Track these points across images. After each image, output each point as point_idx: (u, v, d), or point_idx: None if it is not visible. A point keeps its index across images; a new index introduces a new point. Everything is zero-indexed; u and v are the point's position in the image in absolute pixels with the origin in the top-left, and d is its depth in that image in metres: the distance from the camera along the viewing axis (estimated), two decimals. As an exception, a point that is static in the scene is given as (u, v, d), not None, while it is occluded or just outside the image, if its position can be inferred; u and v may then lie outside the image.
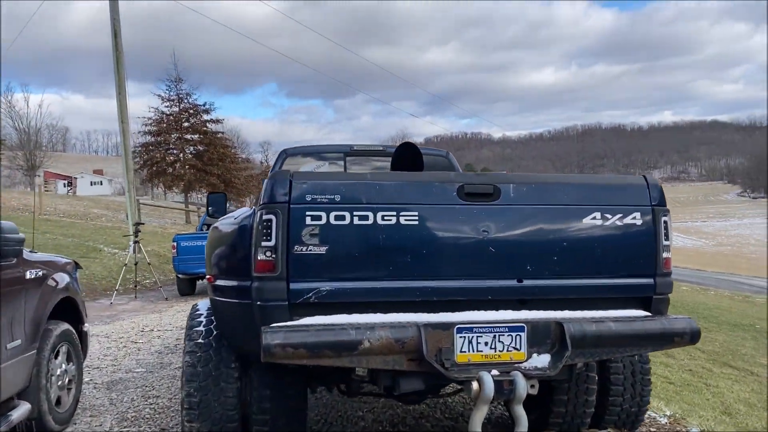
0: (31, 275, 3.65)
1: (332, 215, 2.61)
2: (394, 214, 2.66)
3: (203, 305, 3.38)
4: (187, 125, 33.13)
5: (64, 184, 65.22)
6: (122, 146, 16.81)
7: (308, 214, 2.60)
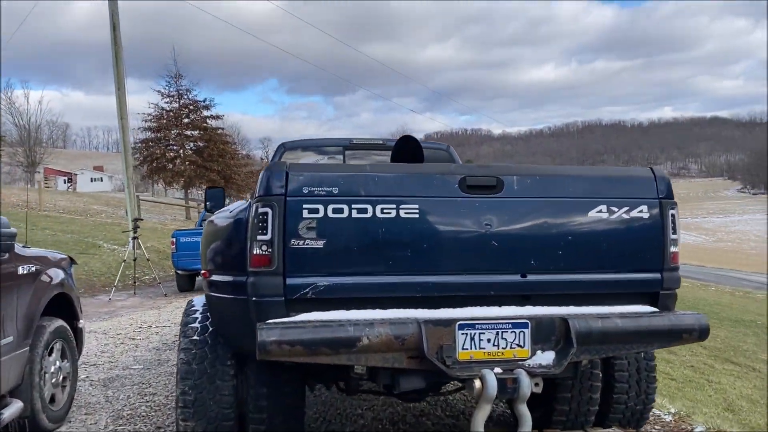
0: (23, 271, 3.61)
1: (330, 208, 2.54)
2: (393, 207, 2.59)
3: (199, 301, 3.32)
4: (187, 121, 32.97)
5: (64, 180, 65.20)
6: (122, 142, 16.77)
7: (305, 207, 2.53)
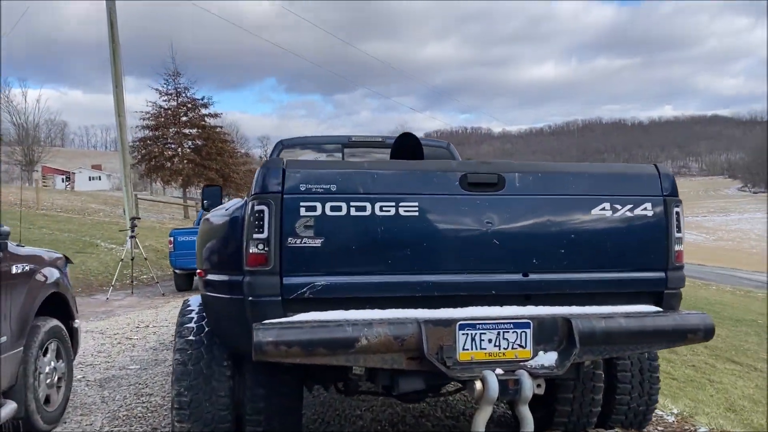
0: (17, 270, 3.57)
1: (328, 206, 2.49)
2: (393, 204, 2.54)
3: (194, 301, 3.27)
4: (185, 119, 32.91)
5: (62, 179, 65.10)
6: (119, 140, 16.71)
7: (302, 204, 2.48)
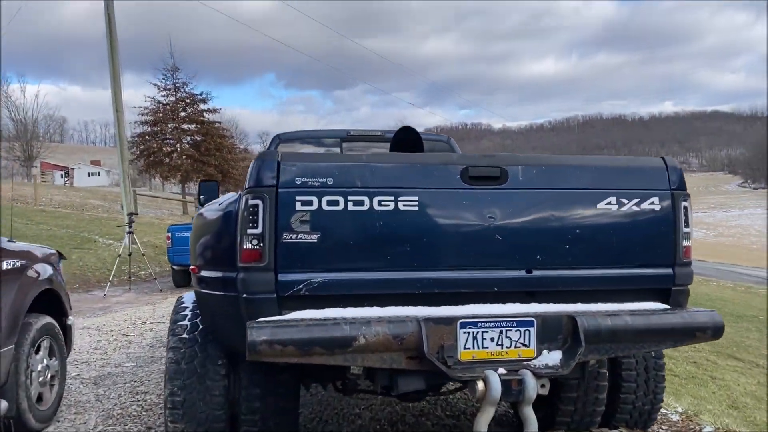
0: (8, 266, 3.50)
1: (324, 200, 2.41)
2: (392, 198, 2.46)
3: (189, 298, 3.19)
4: (183, 115, 32.77)
5: (61, 174, 64.95)
6: (117, 136, 16.62)
7: (298, 198, 2.40)
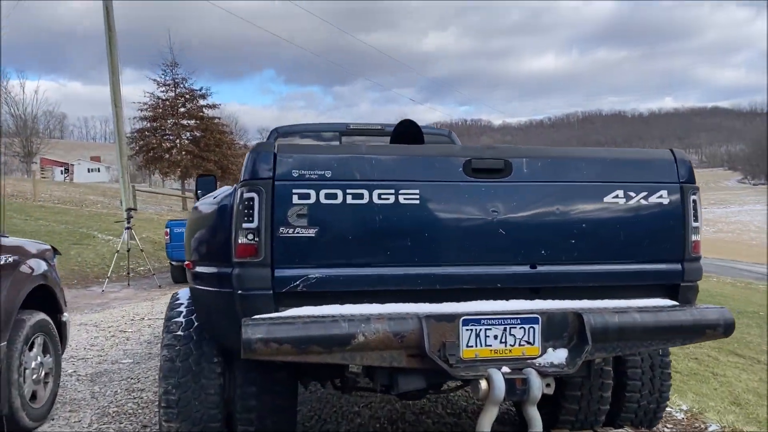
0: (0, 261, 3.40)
1: (322, 193, 2.34)
2: (392, 192, 2.39)
3: (184, 294, 3.12)
4: (183, 110, 32.65)
5: (61, 170, 64.84)
6: (116, 131, 16.53)
7: (295, 192, 2.32)
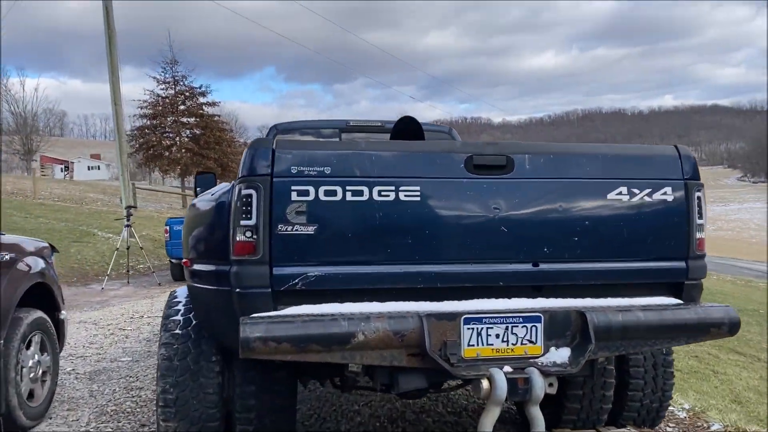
0: (-4, 259, 3.38)
1: (322, 190, 2.30)
2: (392, 188, 2.35)
3: (182, 292, 3.09)
4: (183, 108, 32.60)
5: (61, 168, 64.79)
6: (115, 129, 16.52)
7: (294, 188, 2.29)
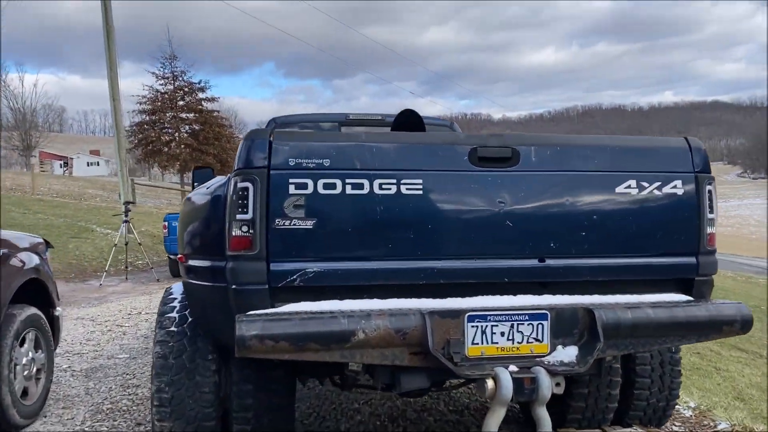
0: (-13, 254, 3.30)
1: (320, 183, 2.23)
2: (394, 182, 2.28)
3: (177, 289, 3.01)
4: (182, 104, 32.52)
5: (60, 164, 64.68)
6: (114, 124, 16.44)
7: (292, 181, 2.21)
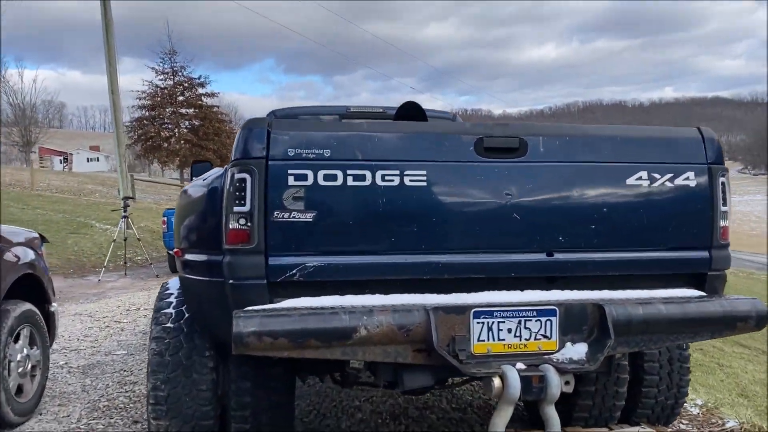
0: (-20, 249, 3.23)
1: (321, 174, 2.15)
2: (397, 173, 2.20)
3: (174, 284, 2.95)
4: (181, 99, 32.55)
5: (60, 160, 64.61)
6: (113, 120, 16.36)
7: (291, 172, 2.14)
